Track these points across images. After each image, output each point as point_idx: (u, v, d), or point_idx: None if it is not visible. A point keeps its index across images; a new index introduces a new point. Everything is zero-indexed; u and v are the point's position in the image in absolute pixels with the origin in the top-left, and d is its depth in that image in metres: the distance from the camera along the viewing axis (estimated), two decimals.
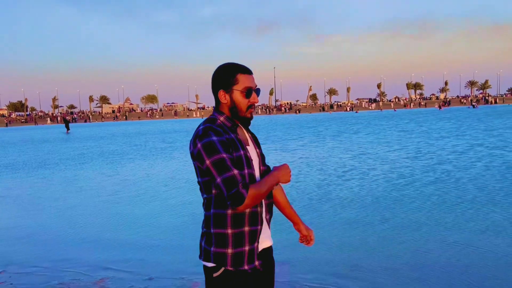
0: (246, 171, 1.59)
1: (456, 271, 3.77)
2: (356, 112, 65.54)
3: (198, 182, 1.66)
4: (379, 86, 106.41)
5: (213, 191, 1.60)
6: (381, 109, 70.87)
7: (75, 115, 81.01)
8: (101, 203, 7.32)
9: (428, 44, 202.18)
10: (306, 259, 4.17)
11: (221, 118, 1.67)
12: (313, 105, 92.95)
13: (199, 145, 1.56)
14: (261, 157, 1.77)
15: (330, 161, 11.05)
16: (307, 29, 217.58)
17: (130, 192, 8.12)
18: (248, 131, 1.79)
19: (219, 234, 1.61)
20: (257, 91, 1.72)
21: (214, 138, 1.55)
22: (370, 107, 79.77)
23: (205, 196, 1.65)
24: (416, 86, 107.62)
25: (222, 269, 1.61)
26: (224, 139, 1.57)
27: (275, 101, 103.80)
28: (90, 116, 79.33)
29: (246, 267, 1.63)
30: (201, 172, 1.61)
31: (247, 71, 1.69)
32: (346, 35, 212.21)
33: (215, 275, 1.61)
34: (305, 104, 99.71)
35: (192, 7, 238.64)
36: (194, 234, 5.20)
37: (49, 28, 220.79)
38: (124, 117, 78.37)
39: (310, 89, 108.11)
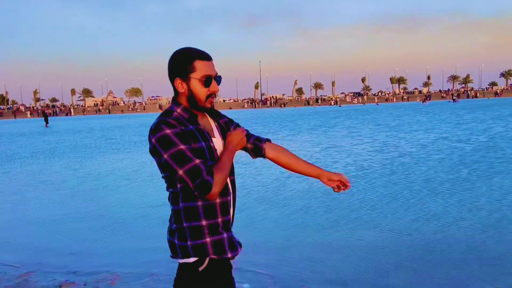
0: (210, 163, 1.51)
1: (385, 256, 3.96)
2: (339, 106, 66.07)
3: (163, 177, 1.58)
4: (363, 80, 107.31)
5: (179, 185, 1.52)
6: (364, 103, 71.57)
7: (56, 109, 79.58)
8: (57, 196, 7.35)
9: (413, 39, 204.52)
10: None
11: (178, 110, 1.57)
12: (299, 99, 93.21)
13: (153, 140, 1.48)
14: None
15: (299, 154, 11.21)
16: (294, 23, 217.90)
17: (89, 186, 8.16)
18: (215, 119, 1.68)
19: (193, 227, 1.52)
20: (218, 79, 1.60)
21: (168, 131, 1.46)
22: (353, 102, 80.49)
23: (171, 190, 1.57)
24: (400, 80, 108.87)
25: (207, 259, 1.52)
26: (179, 130, 1.48)
27: (261, 95, 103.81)
28: (72, 110, 78.09)
29: (229, 255, 1.56)
30: (162, 167, 1.54)
31: (205, 57, 1.56)
32: (333, 29, 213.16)
33: (200, 268, 1.52)
34: (290, 98, 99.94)
35: (180, 0, 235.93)
36: (142, 229, 5.29)
37: (31, 19, 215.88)
38: (107, 111, 77.43)
39: (295, 83, 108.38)
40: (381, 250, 4.14)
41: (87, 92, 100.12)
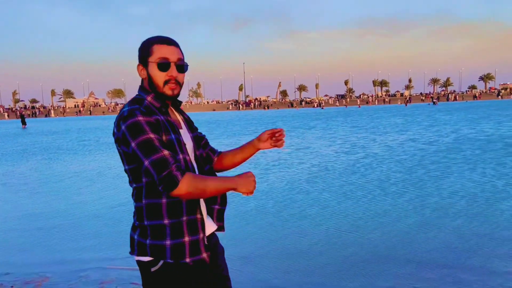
0: (180, 156, 1.45)
1: (329, 253, 4.06)
2: (322, 108, 66.65)
3: (125, 170, 1.49)
4: (346, 83, 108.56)
5: (144, 179, 1.43)
6: (346, 106, 72.38)
7: (36, 110, 78.02)
8: (17, 198, 7.26)
9: (397, 42, 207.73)
10: None
11: (149, 98, 1.49)
12: (283, 101, 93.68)
13: (123, 127, 1.39)
14: (195, 140, 1.63)
15: (266, 155, 11.32)
16: (281, 25, 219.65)
17: (49, 188, 8.09)
18: (180, 112, 1.63)
19: (154, 226, 1.44)
20: (180, 66, 1.51)
21: (140, 118, 1.38)
22: (336, 104, 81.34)
23: (134, 185, 1.48)
24: (382, 83, 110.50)
25: (161, 262, 1.44)
26: (152, 120, 1.41)
27: (245, 97, 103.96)
28: (52, 111, 76.71)
29: (187, 260, 1.45)
30: (128, 158, 1.44)
31: (165, 41, 1.50)
32: (319, 32, 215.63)
33: (153, 269, 1.45)
34: (275, 100, 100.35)
35: (165, 0, 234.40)
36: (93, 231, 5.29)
37: (11, 19, 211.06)
38: (89, 112, 76.34)
39: (279, 85, 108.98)
40: (327, 248, 4.24)
41: (68, 93, 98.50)
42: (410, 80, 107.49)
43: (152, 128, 1.39)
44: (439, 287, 3.27)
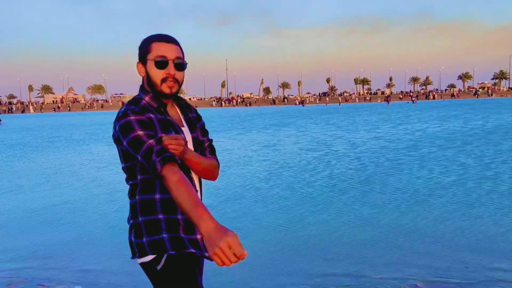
0: (161, 135, 1.43)
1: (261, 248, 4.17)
2: (303, 106, 67.08)
3: (123, 168, 1.51)
4: (328, 80, 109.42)
5: (139, 177, 1.45)
6: (326, 104, 72.97)
7: (13, 106, 76.11)
8: None
9: (379, 41, 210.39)
10: None
11: (146, 98, 1.50)
12: (265, 99, 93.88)
13: (117, 127, 1.42)
14: (195, 141, 1.58)
15: (234, 152, 11.43)
16: (266, 22, 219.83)
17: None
18: (184, 112, 1.61)
19: (149, 222, 1.42)
20: (179, 65, 1.49)
21: (132, 117, 1.40)
22: (317, 102, 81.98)
23: (130, 182, 1.50)
24: (364, 81, 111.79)
25: (165, 256, 1.40)
26: (144, 118, 1.42)
27: (229, 94, 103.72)
28: (31, 107, 74.98)
29: (192, 250, 1.42)
30: (125, 157, 1.47)
31: (163, 39, 1.49)
32: (304, 30, 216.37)
33: (159, 267, 1.40)
34: (258, 97, 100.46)
35: None
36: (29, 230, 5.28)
37: None
38: (68, 108, 74.91)
39: (262, 83, 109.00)
40: (261, 246, 4.36)
41: (46, 89, 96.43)
42: (391, 79, 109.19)
43: (142, 126, 1.39)
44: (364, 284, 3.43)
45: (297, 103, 77.49)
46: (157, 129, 1.43)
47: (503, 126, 17.30)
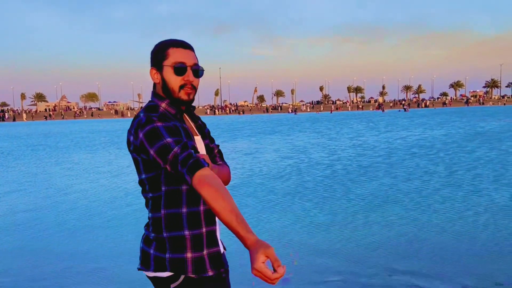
0: (190, 142, 1.38)
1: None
2: (295, 114, 67.41)
3: (142, 179, 1.42)
4: (321, 89, 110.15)
5: (163, 188, 1.38)
6: (317, 112, 73.32)
7: (5, 113, 75.70)
8: None
9: (374, 50, 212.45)
10: None
11: (163, 105, 1.43)
12: (259, 107, 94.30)
13: (141, 135, 1.33)
14: (207, 148, 1.55)
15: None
16: (262, 31, 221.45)
17: None
18: (194, 120, 1.57)
19: (174, 238, 1.38)
20: (196, 71, 1.46)
21: (159, 124, 1.33)
22: (307, 110, 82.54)
23: (151, 195, 1.41)
24: (357, 89, 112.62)
25: (182, 277, 1.37)
26: (171, 125, 1.36)
27: (223, 102, 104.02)
28: (24, 115, 74.71)
29: (210, 273, 1.40)
30: (147, 166, 1.38)
31: (181, 45, 1.45)
32: (300, 39, 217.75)
33: (173, 285, 1.38)
34: (251, 105, 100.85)
35: (148, 5, 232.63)
36: None
37: None
38: (61, 116, 74.71)
39: (255, 91, 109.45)
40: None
41: (40, 97, 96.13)
42: (383, 87, 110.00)
43: (170, 133, 1.33)
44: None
45: (290, 111, 77.87)
46: (182, 138, 1.38)
47: (482, 133, 17.56)
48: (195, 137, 1.48)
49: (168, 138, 1.31)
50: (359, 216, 5.48)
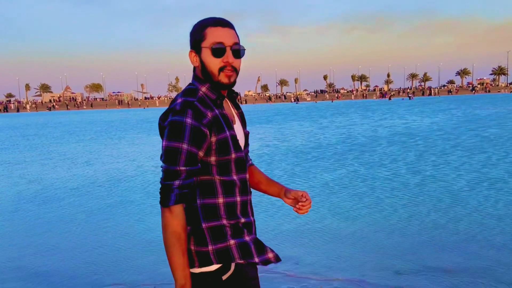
0: (233, 155, 1.31)
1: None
2: (296, 103, 67.18)
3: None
4: (325, 77, 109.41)
5: (200, 177, 1.30)
6: (315, 101, 72.69)
7: (6, 105, 76.25)
8: None
9: (380, 38, 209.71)
10: None
11: (203, 89, 1.33)
12: (263, 96, 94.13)
13: (169, 119, 1.26)
14: (245, 138, 1.45)
15: None
16: (269, 20, 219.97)
17: None
18: (235, 105, 1.46)
19: (214, 228, 1.30)
20: (237, 51, 1.34)
21: (189, 120, 1.23)
22: (307, 99, 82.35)
23: None
24: (362, 78, 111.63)
25: (233, 265, 1.30)
26: (201, 127, 1.25)
27: None
28: (28, 106, 75.40)
29: (256, 260, 1.34)
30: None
31: (220, 23, 1.32)
32: (307, 27, 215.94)
33: (224, 277, 1.30)
34: (255, 94, 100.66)
35: None
36: None
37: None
38: (66, 107, 75.27)
39: (258, 80, 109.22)
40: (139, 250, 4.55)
41: (45, 88, 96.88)
42: (388, 75, 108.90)
43: (192, 137, 1.24)
44: None
45: (293, 100, 77.64)
46: (223, 127, 1.29)
47: (474, 120, 17.43)
48: (234, 125, 1.37)
49: (185, 144, 1.23)
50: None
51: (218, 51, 1.30)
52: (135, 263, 3.75)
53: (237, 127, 1.39)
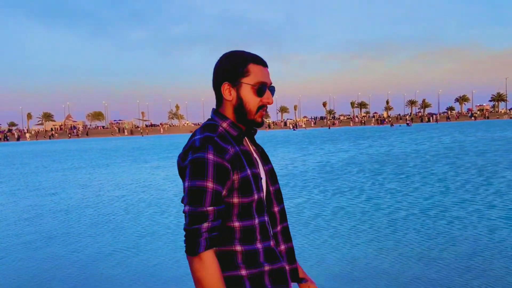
0: (255, 196, 1.24)
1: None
2: (294, 130, 67.63)
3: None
4: (324, 104, 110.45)
5: (235, 199, 1.22)
6: (306, 128, 72.76)
7: (6, 134, 77.02)
8: None
9: (381, 65, 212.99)
10: None
11: (224, 125, 1.27)
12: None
13: (189, 158, 1.19)
14: (270, 174, 1.37)
15: (161, 184, 11.71)
16: (273, 48, 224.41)
17: None
18: (253, 143, 1.38)
19: (249, 252, 1.24)
20: (272, 90, 1.34)
21: (210, 156, 1.17)
22: (303, 126, 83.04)
23: None
24: (362, 105, 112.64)
25: None
26: (224, 162, 1.18)
27: None
28: (27, 135, 76.16)
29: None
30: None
31: (261, 61, 1.31)
32: (309, 55, 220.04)
33: None
34: None
35: (162, 26, 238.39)
36: None
37: (10, 43, 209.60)
38: (68, 135, 76.00)
39: None
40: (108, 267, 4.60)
41: (47, 116, 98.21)
42: (387, 102, 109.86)
43: (216, 175, 1.17)
44: None
45: (291, 127, 78.22)
46: (244, 165, 1.22)
47: (453, 148, 17.50)
48: (256, 164, 1.30)
49: (210, 182, 1.16)
50: None
51: (261, 90, 1.29)
52: None
53: (259, 166, 1.32)
